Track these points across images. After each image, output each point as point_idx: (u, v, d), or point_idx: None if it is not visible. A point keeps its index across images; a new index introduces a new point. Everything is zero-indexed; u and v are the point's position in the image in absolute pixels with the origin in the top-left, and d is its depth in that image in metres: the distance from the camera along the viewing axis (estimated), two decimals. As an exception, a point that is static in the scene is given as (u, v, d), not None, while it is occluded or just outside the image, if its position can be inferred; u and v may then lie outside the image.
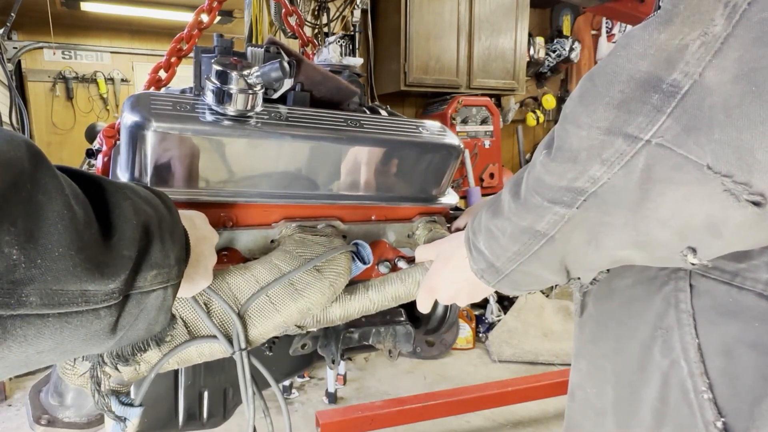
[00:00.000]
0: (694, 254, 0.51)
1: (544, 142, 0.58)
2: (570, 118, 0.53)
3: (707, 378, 0.55)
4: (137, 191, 0.54)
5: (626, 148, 0.49)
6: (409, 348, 1.13)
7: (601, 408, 0.70)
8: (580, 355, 0.76)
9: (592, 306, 0.73)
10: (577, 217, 0.55)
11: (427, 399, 2.69)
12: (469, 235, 0.71)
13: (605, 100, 0.49)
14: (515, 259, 0.63)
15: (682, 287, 0.59)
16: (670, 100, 0.46)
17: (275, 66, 0.73)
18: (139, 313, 0.52)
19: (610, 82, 0.49)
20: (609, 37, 5.14)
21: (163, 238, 0.54)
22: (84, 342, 0.46)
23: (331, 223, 0.94)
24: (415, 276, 0.90)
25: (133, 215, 0.50)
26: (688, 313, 0.58)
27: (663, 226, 0.50)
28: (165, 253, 0.54)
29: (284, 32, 2.96)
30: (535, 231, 0.59)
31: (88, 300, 0.43)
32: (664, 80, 0.46)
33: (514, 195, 0.62)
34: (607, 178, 0.51)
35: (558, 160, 0.54)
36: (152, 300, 0.54)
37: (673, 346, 0.58)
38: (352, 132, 0.89)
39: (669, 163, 0.47)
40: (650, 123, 0.47)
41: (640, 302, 0.64)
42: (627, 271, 0.65)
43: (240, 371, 0.79)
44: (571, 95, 0.55)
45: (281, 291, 0.80)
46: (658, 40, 0.46)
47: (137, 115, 0.72)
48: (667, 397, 0.59)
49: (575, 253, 0.59)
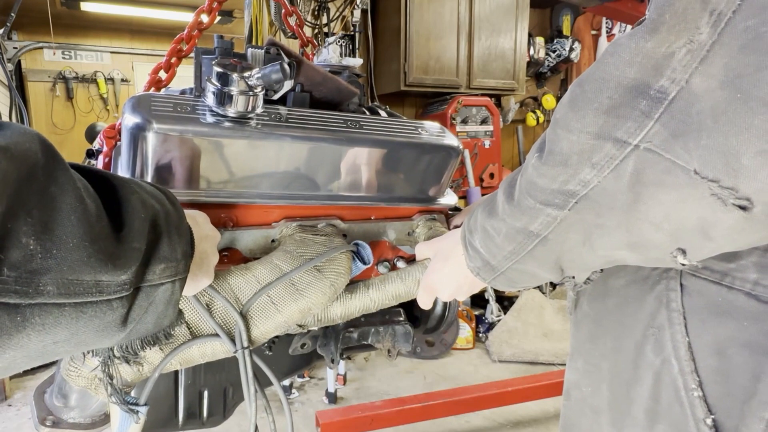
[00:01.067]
0: (684, 255, 0.52)
1: (536, 146, 0.59)
2: (561, 122, 0.54)
3: (697, 376, 0.56)
4: (143, 186, 0.55)
5: (615, 152, 0.50)
6: (408, 347, 1.14)
7: (596, 406, 0.71)
8: (576, 354, 0.77)
9: (587, 305, 0.74)
10: (570, 218, 0.56)
11: (427, 399, 2.69)
12: (465, 233, 0.73)
13: (594, 106, 0.50)
14: (510, 257, 0.65)
15: (673, 287, 0.59)
16: (657, 105, 0.47)
17: (276, 68, 0.73)
18: (148, 306, 0.53)
19: (599, 88, 0.50)
20: (609, 37, 5.13)
21: (170, 232, 0.55)
22: (97, 333, 0.47)
23: (332, 222, 0.94)
24: (415, 275, 0.91)
25: (141, 209, 0.50)
26: (678, 312, 0.58)
27: (655, 228, 0.51)
28: (173, 248, 0.55)
29: (284, 32, 2.96)
30: (529, 231, 0.60)
31: (102, 290, 0.44)
32: (652, 86, 0.47)
33: (508, 196, 0.63)
34: (598, 181, 0.52)
35: (549, 163, 0.55)
36: (161, 293, 0.54)
37: (665, 344, 0.59)
38: (351, 133, 0.89)
39: (658, 168, 0.48)
40: (639, 128, 0.48)
41: (633, 302, 0.64)
42: (621, 270, 0.66)
43: (242, 370, 0.79)
44: (561, 101, 0.56)
45: (282, 291, 0.80)
46: (644, 48, 0.47)
47: (138, 116, 0.73)
48: (659, 395, 0.60)
49: (570, 253, 0.60)
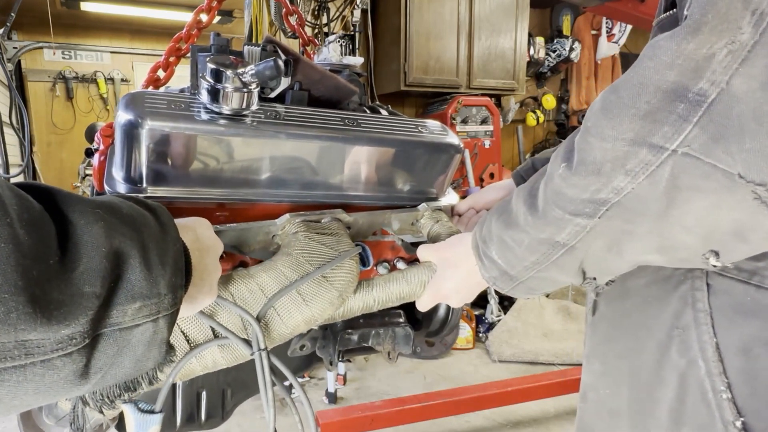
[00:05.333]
0: (716, 257, 0.51)
1: (561, 155, 0.58)
2: (593, 131, 0.53)
3: (726, 377, 0.55)
4: (117, 209, 0.47)
5: (651, 158, 0.49)
6: (408, 350, 1.12)
7: (615, 409, 0.69)
8: (592, 356, 0.75)
9: (604, 306, 0.73)
10: (599, 226, 0.55)
11: (427, 399, 2.69)
12: (478, 243, 0.71)
13: (632, 112, 0.49)
14: (533, 267, 0.64)
15: (699, 286, 0.58)
16: (696, 109, 0.46)
17: (269, 64, 0.72)
18: (118, 352, 0.45)
19: (637, 93, 0.48)
20: (609, 37, 5.12)
21: (148, 263, 0.46)
22: (39, 394, 0.38)
23: (336, 215, 0.91)
24: (420, 277, 0.88)
25: (104, 241, 0.42)
26: (705, 312, 0.57)
27: (688, 232, 0.50)
28: (152, 281, 0.46)
29: (284, 32, 2.95)
30: (555, 242, 0.59)
31: (30, 352, 0.35)
32: (691, 89, 0.46)
33: (530, 207, 0.61)
34: (632, 188, 0.51)
35: (581, 173, 0.54)
36: (137, 335, 0.46)
37: (691, 345, 0.58)
38: (348, 131, 0.88)
39: (696, 172, 0.47)
40: (676, 132, 0.47)
41: (655, 302, 0.63)
42: (641, 270, 0.65)
43: (260, 373, 0.76)
44: (591, 108, 0.54)
45: (287, 301, 0.77)
46: (686, 49, 0.45)
47: (131, 113, 0.72)
48: (684, 398, 0.59)
49: (595, 258, 0.59)
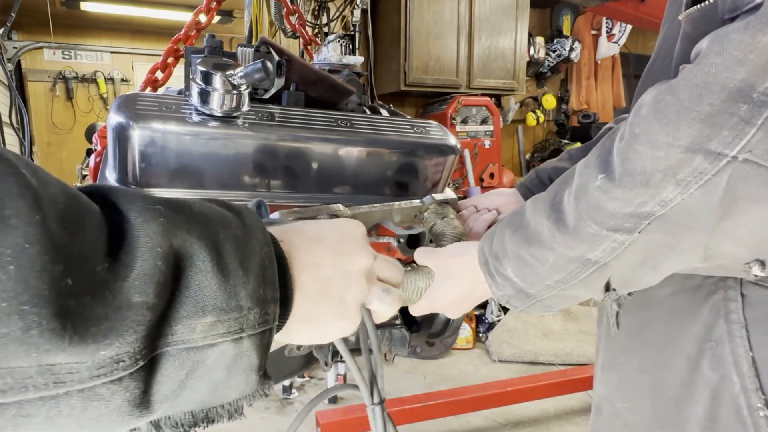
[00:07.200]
0: (762, 267, 0.48)
1: (595, 165, 0.51)
2: (642, 138, 0.47)
3: (762, 394, 0.52)
4: (186, 206, 0.38)
5: (707, 165, 0.44)
6: (404, 352, 1.12)
7: (632, 423, 0.66)
8: (609, 367, 0.71)
9: (622, 315, 0.69)
10: (639, 242, 0.49)
11: (427, 399, 2.68)
12: (488, 259, 0.64)
13: (692, 116, 0.43)
14: (556, 287, 0.57)
15: (733, 296, 0.55)
16: (761, 110, 0.41)
17: (257, 66, 0.72)
18: (189, 376, 0.36)
19: (700, 94, 0.43)
20: (609, 36, 5.12)
21: (224, 267, 0.37)
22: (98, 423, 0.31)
23: (334, 211, 0.89)
24: (417, 284, 0.87)
25: (159, 239, 0.34)
26: (740, 324, 0.54)
27: (736, 244, 0.46)
28: (228, 291, 0.37)
29: (284, 32, 2.95)
30: (586, 260, 0.53)
31: (60, 380, 0.28)
32: (757, 88, 0.41)
33: (556, 222, 0.54)
34: (681, 199, 0.45)
35: (626, 185, 0.48)
36: (214, 357, 0.37)
37: (724, 359, 0.55)
38: (341, 132, 0.87)
39: (757, 180, 0.43)
40: (737, 137, 0.42)
41: (683, 312, 0.60)
42: (667, 279, 0.59)
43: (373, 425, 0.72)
44: (637, 112, 0.48)
45: None
46: (761, 42, 0.40)
47: (122, 115, 0.72)
48: (716, 415, 0.55)
49: (624, 273, 0.53)
